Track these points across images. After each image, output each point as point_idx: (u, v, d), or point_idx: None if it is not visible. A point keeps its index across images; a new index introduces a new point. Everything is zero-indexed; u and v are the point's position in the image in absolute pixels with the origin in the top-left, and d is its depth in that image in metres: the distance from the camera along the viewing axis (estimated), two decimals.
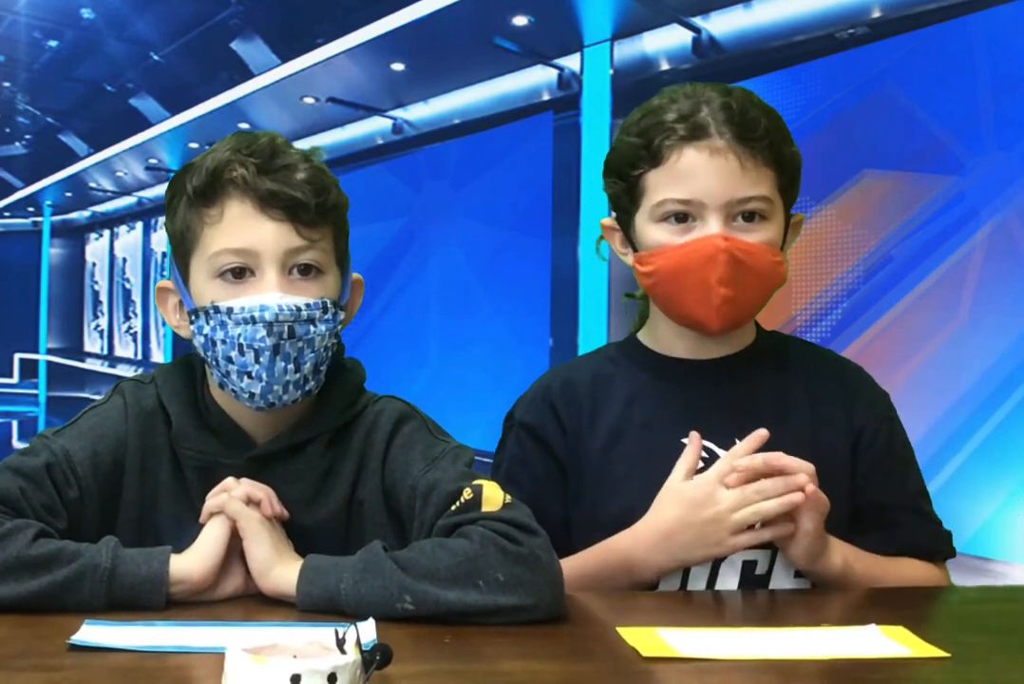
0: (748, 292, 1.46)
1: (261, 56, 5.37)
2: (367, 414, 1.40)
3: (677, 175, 1.45)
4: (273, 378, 1.31)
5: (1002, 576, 2.96)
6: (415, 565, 1.20)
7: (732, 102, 1.46)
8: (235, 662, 0.88)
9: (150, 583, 1.22)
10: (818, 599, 1.42)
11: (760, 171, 1.45)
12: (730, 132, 1.44)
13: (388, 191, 5.20)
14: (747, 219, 1.45)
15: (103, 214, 6.90)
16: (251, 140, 1.35)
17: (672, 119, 1.46)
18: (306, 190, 1.32)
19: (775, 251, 1.47)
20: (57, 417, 6.39)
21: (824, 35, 3.57)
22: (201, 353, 1.35)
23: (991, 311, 3.09)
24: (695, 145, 1.44)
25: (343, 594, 1.21)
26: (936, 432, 3.09)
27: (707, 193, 1.43)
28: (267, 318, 1.29)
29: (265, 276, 1.31)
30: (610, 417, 1.53)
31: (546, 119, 4.68)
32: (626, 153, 1.49)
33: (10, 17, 5.64)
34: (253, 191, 1.31)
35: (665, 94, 1.51)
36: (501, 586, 1.19)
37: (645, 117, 1.49)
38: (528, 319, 4.59)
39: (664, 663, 1.08)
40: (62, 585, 1.20)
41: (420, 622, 1.18)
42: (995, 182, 3.12)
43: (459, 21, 4.68)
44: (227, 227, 1.32)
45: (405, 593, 1.19)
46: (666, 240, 1.46)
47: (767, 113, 1.48)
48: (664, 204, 1.45)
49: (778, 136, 1.47)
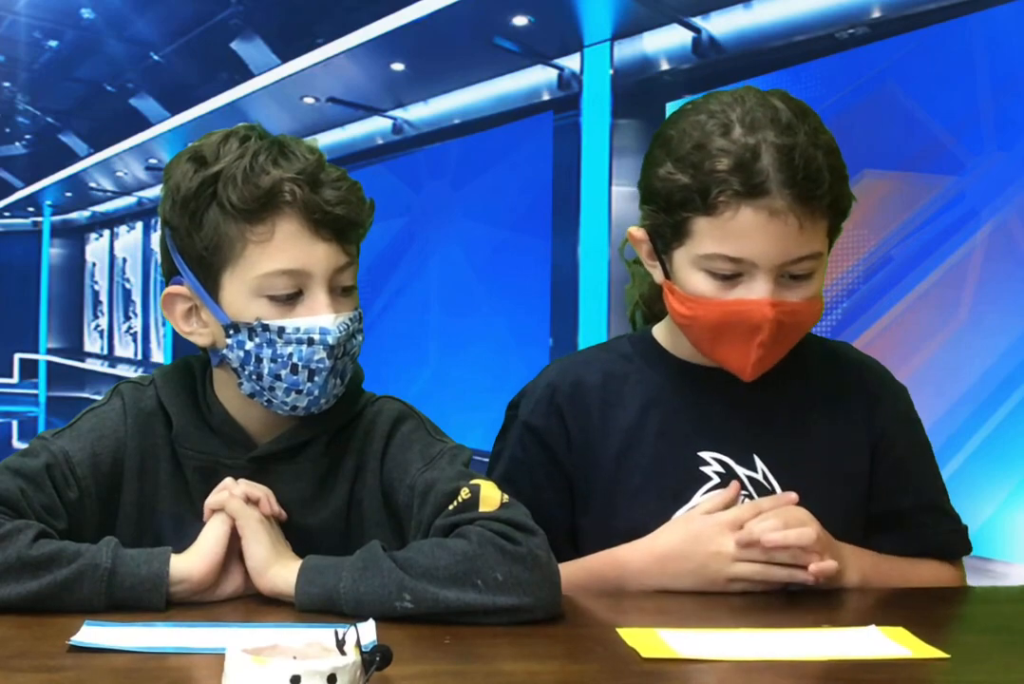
0: (786, 347, 1.42)
1: (261, 56, 5.37)
2: (366, 414, 1.41)
3: (730, 232, 1.34)
4: (324, 394, 1.33)
5: (1002, 576, 2.95)
6: (414, 564, 1.21)
7: (796, 150, 1.32)
8: (235, 663, 0.88)
9: (150, 583, 1.22)
10: (818, 600, 1.42)
11: (816, 226, 1.36)
12: (792, 193, 1.32)
13: (388, 191, 5.20)
14: (795, 278, 1.38)
15: (103, 214, 6.89)
16: (284, 150, 1.32)
17: (727, 167, 1.32)
18: (356, 209, 1.33)
19: (817, 300, 1.41)
20: (57, 417, 6.38)
21: (824, 35, 3.56)
22: (234, 365, 1.34)
23: (991, 311, 3.09)
24: (753, 204, 1.32)
25: (342, 593, 1.21)
26: (936, 432, 3.07)
27: (761, 255, 1.34)
28: (329, 342, 1.30)
29: (317, 297, 1.31)
30: (624, 423, 1.49)
31: (546, 119, 4.68)
32: (674, 191, 1.36)
33: (10, 17, 5.64)
34: (309, 212, 1.30)
35: (716, 114, 1.36)
36: (499, 585, 1.19)
37: (696, 151, 1.35)
38: (528, 319, 4.59)
39: (664, 664, 1.08)
40: (62, 585, 1.20)
41: (420, 623, 1.18)
42: (995, 182, 3.12)
43: (459, 21, 4.67)
44: (279, 247, 1.30)
45: (404, 592, 1.19)
46: (709, 292, 1.37)
47: (829, 154, 1.36)
48: (712, 258, 1.36)
49: (838, 185, 1.36)
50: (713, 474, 1.46)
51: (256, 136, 1.33)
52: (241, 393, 1.35)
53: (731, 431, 1.47)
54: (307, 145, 1.35)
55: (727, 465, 1.46)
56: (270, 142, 1.33)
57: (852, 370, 1.55)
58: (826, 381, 1.52)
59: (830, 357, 1.56)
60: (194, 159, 1.33)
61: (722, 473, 1.45)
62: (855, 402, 1.52)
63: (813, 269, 1.38)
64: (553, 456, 1.49)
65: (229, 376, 1.36)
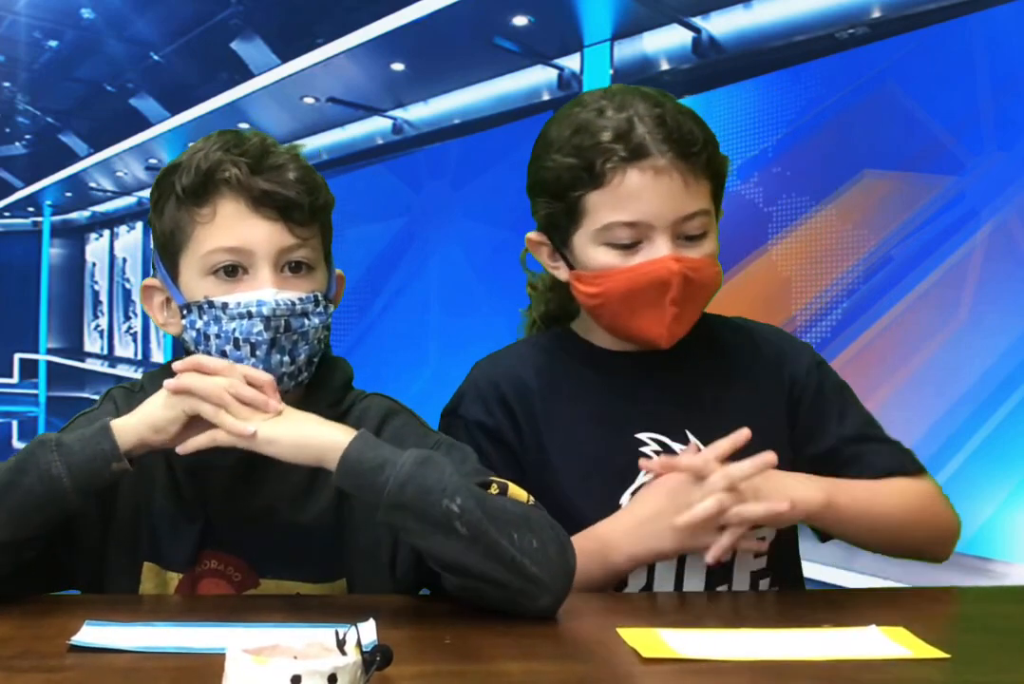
0: (695, 306, 1.49)
1: (261, 56, 5.37)
2: (354, 411, 1.42)
3: (622, 197, 1.43)
4: (269, 370, 1.33)
5: (1002, 576, 2.95)
6: (473, 487, 1.22)
7: (665, 115, 1.44)
8: (236, 663, 0.88)
9: (100, 436, 1.23)
10: (819, 600, 1.42)
11: (700, 184, 1.45)
12: (671, 150, 1.42)
13: (388, 191, 5.19)
14: (691, 239, 1.45)
15: (103, 214, 6.88)
16: (240, 139, 1.36)
17: (608, 138, 1.43)
18: (299, 190, 1.34)
19: (715, 260, 1.49)
20: (57, 417, 6.38)
21: (824, 35, 3.56)
22: (192, 348, 1.36)
23: (991, 311, 3.09)
24: (638, 166, 1.42)
25: (399, 467, 1.20)
26: (936, 432, 3.09)
27: (654, 215, 1.43)
28: (264, 313, 1.31)
29: (259, 274, 1.33)
30: (562, 414, 1.52)
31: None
32: (561, 174, 1.46)
33: (10, 17, 5.63)
34: (247, 191, 1.33)
35: (588, 105, 1.48)
36: (532, 551, 1.21)
37: (576, 134, 1.46)
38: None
39: (664, 664, 1.08)
40: (16, 469, 1.21)
41: (420, 623, 1.18)
42: (995, 182, 3.12)
43: (459, 21, 4.67)
44: (220, 226, 1.33)
45: (457, 495, 1.19)
46: (613, 262, 1.45)
47: (697, 121, 1.48)
48: (611, 227, 1.44)
49: (712, 146, 1.47)
50: (652, 453, 1.50)
51: (231, 134, 1.37)
52: None
53: (662, 411, 1.52)
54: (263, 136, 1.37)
55: (664, 444, 1.50)
56: (232, 135, 1.37)
57: (756, 337, 1.61)
58: (737, 353, 1.59)
59: (735, 331, 1.62)
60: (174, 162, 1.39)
61: (660, 452, 1.49)
62: (765, 367, 1.57)
63: (705, 227, 1.46)
64: (509, 452, 1.51)
65: None
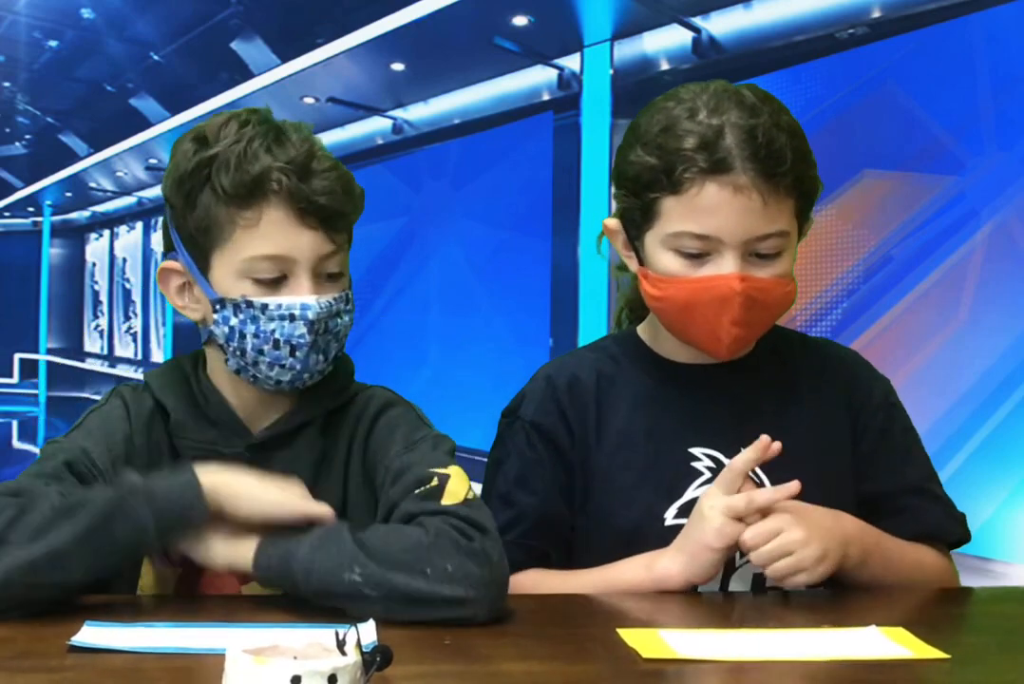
0: (759, 326, 1.45)
1: (261, 56, 5.37)
2: (357, 401, 1.44)
3: (696, 209, 1.38)
4: (306, 369, 1.36)
5: (1002, 576, 2.95)
6: (369, 544, 1.22)
7: (758, 129, 1.37)
8: (236, 663, 0.88)
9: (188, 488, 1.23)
10: (818, 600, 1.42)
11: (781, 204, 1.39)
12: (755, 168, 1.36)
13: (388, 191, 5.20)
14: (763, 257, 1.40)
15: (103, 214, 6.89)
16: (279, 137, 1.35)
17: (692, 146, 1.37)
18: (342, 200, 1.35)
19: (788, 280, 1.43)
20: (57, 417, 6.38)
21: (824, 35, 3.56)
22: (220, 341, 1.37)
23: (991, 311, 3.09)
24: (717, 180, 1.36)
25: (300, 557, 1.22)
26: (936, 432, 3.09)
27: (727, 231, 1.37)
28: (310, 317, 1.33)
29: (300, 282, 1.34)
30: (617, 423, 1.50)
31: (546, 119, 4.68)
32: (642, 172, 1.41)
33: (10, 17, 5.63)
34: (295, 201, 1.33)
35: (684, 101, 1.41)
36: (448, 577, 1.20)
37: (663, 133, 1.40)
38: (528, 319, 4.59)
39: (664, 664, 1.08)
40: (106, 515, 1.20)
41: (420, 623, 1.18)
42: (995, 182, 3.12)
43: (459, 21, 4.67)
44: (264, 234, 1.33)
45: (355, 565, 1.20)
46: (679, 270, 1.41)
47: (793, 136, 1.40)
48: (680, 236, 1.40)
49: (802, 165, 1.40)
50: (704, 469, 1.47)
51: (256, 121, 1.36)
52: (231, 374, 1.38)
53: (718, 426, 1.49)
54: (303, 133, 1.37)
55: (717, 459, 1.48)
56: (267, 128, 1.35)
57: (831, 359, 1.57)
58: (806, 371, 1.55)
59: (809, 348, 1.59)
60: (196, 139, 1.37)
61: (713, 468, 1.46)
62: (835, 390, 1.54)
63: (780, 248, 1.41)
64: (560, 454, 1.50)
65: (219, 355, 1.39)
